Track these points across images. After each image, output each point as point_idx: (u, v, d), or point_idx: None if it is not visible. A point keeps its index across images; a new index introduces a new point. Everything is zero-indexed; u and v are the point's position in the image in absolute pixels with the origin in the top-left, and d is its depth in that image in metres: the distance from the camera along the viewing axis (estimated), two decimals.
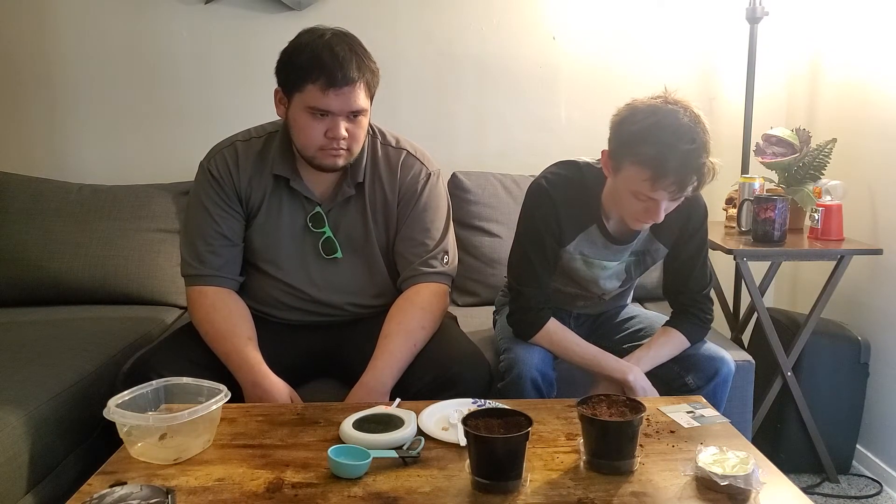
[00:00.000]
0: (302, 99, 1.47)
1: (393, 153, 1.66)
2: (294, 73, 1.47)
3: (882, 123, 2.14)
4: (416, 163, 1.67)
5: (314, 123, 1.48)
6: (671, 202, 1.46)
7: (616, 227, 1.61)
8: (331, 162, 1.52)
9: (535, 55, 2.55)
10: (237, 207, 1.60)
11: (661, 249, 1.66)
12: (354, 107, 1.47)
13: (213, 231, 1.58)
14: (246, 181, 1.59)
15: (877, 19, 2.16)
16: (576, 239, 1.62)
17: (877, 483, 2.14)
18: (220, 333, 1.53)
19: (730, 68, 2.57)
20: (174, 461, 1.18)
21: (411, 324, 1.55)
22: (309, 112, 1.47)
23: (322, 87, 1.44)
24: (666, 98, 1.43)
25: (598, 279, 1.67)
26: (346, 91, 1.44)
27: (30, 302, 2.20)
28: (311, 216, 1.61)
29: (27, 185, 2.30)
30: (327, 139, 1.49)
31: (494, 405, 1.37)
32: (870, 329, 2.18)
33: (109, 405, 1.19)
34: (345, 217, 1.63)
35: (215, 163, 1.60)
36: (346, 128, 1.48)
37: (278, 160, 1.58)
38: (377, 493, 1.09)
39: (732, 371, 1.63)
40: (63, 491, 1.48)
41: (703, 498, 1.09)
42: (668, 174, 1.38)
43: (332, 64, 1.43)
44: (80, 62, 2.49)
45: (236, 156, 1.60)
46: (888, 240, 2.11)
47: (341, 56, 1.44)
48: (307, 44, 1.48)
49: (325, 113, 1.46)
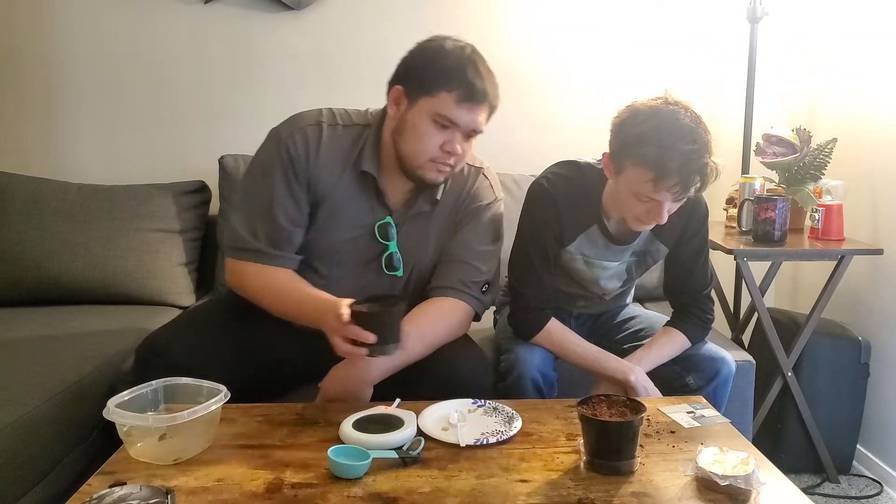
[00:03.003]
0: (431, 104, 1.41)
1: (469, 171, 1.61)
2: (432, 77, 1.41)
3: (882, 123, 2.14)
4: (486, 183, 1.62)
5: (435, 132, 1.42)
6: (674, 203, 1.46)
7: (616, 227, 1.61)
8: (434, 176, 1.47)
9: (535, 55, 2.55)
10: (305, 194, 1.49)
11: (661, 249, 1.66)
12: (478, 126, 1.44)
13: (275, 210, 1.48)
14: (323, 169, 1.49)
15: (877, 19, 2.16)
16: (577, 239, 1.61)
17: (877, 483, 2.14)
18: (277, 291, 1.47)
19: (730, 68, 2.57)
20: (174, 461, 1.18)
21: (426, 333, 1.48)
22: (434, 120, 1.41)
23: (458, 99, 1.40)
24: (666, 99, 1.43)
25: (599, 279, 1.67)
26: (478, 108, 1.42)
27: (29, 302, 2.20)
28: (380, 224, 1.53)
29: (26, 185, 2.29)
30: (442, 152, 1.43)
31: (495, 405, 1.38)
32: (870, 329, 2.18)
33: (109, 405, 1.19)
34: (413, 233, 1.56)
35: (295, 140, 1.48)
36: (461, 145, 1.44)
37: (368, 156, 1.49)
38: (377, 494, 1.09)
39: (733, 371, 1.63)
40: (63, 491, 1.48)
41: (704, 498, 1.09)
42: (671, 175, 1.38)
43: (474, 77, 1.40)
44: (80, 62, 2.49)
45: (319, 138, 1.49)
46: (889, 240, 2.11)
47: (483, 72, 1.43)
48: (450, 51, 1.43)
49: (449, 125, 1.42)
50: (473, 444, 1.24)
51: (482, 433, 1.27)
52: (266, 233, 1.49)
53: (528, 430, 1.31)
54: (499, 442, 1.25)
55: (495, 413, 1.36)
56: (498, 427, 1.30)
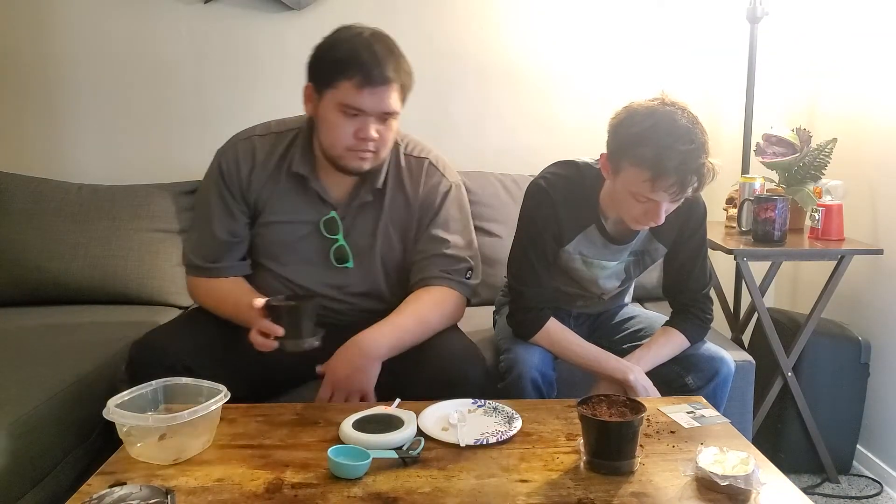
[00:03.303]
0: (334, 96, 1.43)
1: (415, 163, 1.63)
2: (329, 69, 1.43)
3: (882, 123, 2.14)
4: (437, 174, 1.63)
5: (344, 122, 1.44)
6: (671, 203, 1.46)
7: (614, 227, 1.61)
8: (356, 164, 1.49)
9: (535, 55, 2.54)
10: (241, 207, 1.57)
11: (660, 249, 1.66)
12: (387, 108, 1.44)
13: (213, 226, 1.56)
14: (258, 178, 1.55)
15: (876, 19, 2.16)
16: (575, 239, 1.62)
17: (877, 483, 2.14)
18: (221, 299, 1.56)
19: (730, 68, 2.56)
20: (174, 461, 1.18)
21: (425, 314, 1.53)
22: (340, 110, 1.43)
23: (357, 85, 1.40)
24: (664, 100, 1.43)
25: (598, 279, 1.67)
26: (382, 91, 1.42)
27: (29, 302, 2.20)
28: (326, 220, 1.57)
29: (26, 186, 2.29)
30: (356, 140, 1.45)
31: (495, 405, 1.38)
32: (870, 329, 2.18)
33: (109, 405, 1.19)
34: (358, 223, 1.59)
35: (226, 158, 1.57)
36: (376, 129, 1.45)
37: (298, 158, 1.55)
38: (377, 494, 1.09)
39: (732, 372, 1.63)
40: (63, 491, 1.48)
41: (704, 498, 1.09)
42: (668, 175, 1.38)
43: (370, 61, 1.40)
44: (80, 62, 2.49)
45: (252, 151, 1.57)
46: (889, 240, 2.11)
47: (380, 55, 1.42)
48: (345, 40, 1.45)
49: (357, 112, 1.43)
50: (473, 444, 1.24)
51: (482, 433, 1.27)
52: (207, 249, 1.58)
53: (528, 430, 1.31)
54: (499, 442, 1.25)
55: (495, 413, 1.36)
56: (498, 427, 1.30)
